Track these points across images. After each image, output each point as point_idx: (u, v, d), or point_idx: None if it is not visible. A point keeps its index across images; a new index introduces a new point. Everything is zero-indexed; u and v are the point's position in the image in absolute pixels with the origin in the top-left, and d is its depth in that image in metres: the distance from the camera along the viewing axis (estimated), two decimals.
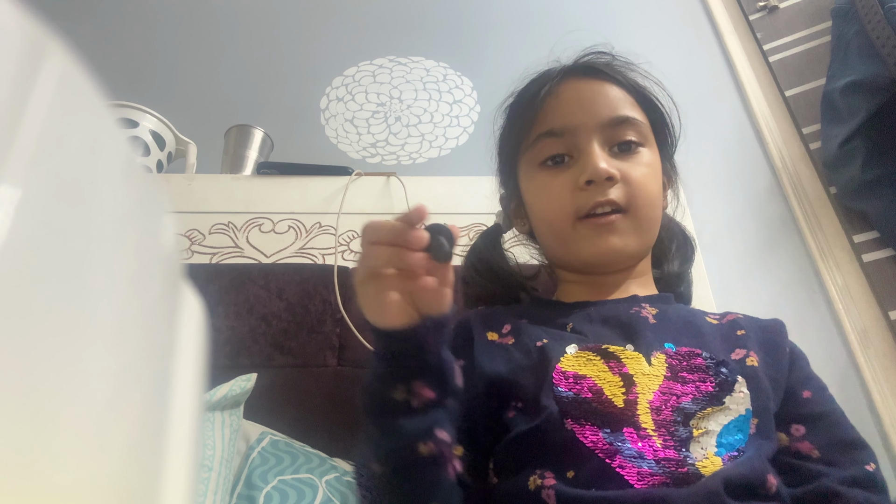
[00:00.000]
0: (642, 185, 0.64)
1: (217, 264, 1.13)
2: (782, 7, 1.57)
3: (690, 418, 0.54)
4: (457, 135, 1.54)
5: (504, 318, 0.66)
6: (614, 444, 0.52)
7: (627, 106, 0.68)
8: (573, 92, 0.68)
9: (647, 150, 0.68)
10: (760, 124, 1.46)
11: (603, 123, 0.66)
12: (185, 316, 0.35)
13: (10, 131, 0.20)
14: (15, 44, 0.22)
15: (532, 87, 0.72)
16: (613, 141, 0.66)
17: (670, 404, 0.55)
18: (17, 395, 0.19)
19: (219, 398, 0.81)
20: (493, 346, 0.63)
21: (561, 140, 0.66)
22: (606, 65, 0.71)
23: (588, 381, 0.56)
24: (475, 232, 1.21)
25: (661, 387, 0.56)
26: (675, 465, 0.51)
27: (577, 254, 0.66)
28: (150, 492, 0.27)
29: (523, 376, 0.58)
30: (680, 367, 0.58)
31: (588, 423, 0.53)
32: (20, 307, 0.19)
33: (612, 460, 0.51)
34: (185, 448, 0.30)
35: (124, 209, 0.29)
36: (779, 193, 1.37)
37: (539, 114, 0.68)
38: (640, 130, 0.67)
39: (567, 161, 0.66)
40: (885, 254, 1.19)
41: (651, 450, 0.51)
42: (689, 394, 0.55)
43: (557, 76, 0.70)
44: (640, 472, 0.50)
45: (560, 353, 0.58)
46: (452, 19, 1.76)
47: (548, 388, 0.55)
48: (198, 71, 1.69)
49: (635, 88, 0.70)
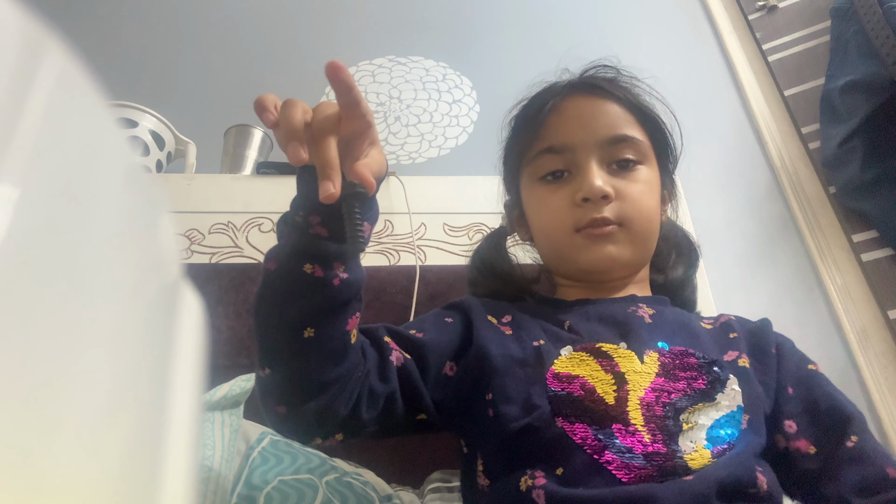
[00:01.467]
0: (637, 201, 0.66)
1: (217, 264, 1.13)
2: (781, 7, 1.57)
3: (681, 414, 0.55)
4: (456, 134, 1.54)
5: (506, 309, 0.67)
6: (603, 440, 0.53)
7: (627, 125, 0.69)
8: (575, 109, 0.70)
9: (646, 167, 0.69)
10: (760, 124, 1.46)
11: (602, 142, 0.67)
12: (185, 316, 0.35)
13: (9, 130, 0.20)
14: (13, 43, 0.22)
15: (536, 101, 0.73)
16: (612, 159, 0.68)
17: (661, 401, 0.55)
18: (16, 395, 0.19)
19: (219, 398, 0.81)
20: (493, 327, 0.64)
21: (561, 157, 0.68)
22: (610, 81, 0.72)
23: (580, 379, 0.57)
24: (474, 231, 1.21)
25: (653, 384, 0.57)
26: (662, 458, 0.52)
27: (574, 262, 0.68)
28: (150, 492, 0.27)
29: (514, 370, 0.59)
30: (672, 366, 0.59)
31: (578, 420, 0.54)
32: (19, 307, 0.19)
33: (601, 456, 0.52)
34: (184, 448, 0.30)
35: (124, 209, 0.29)
36: (778, 193, 1.37)
37: (541, 129, 0.70)
38: (638, 149, 0.69)
39: (566, 176, 0.68)
40: (885, 253, 1.19)
41: (640, 444, 0.52)
42: (681, 391, 0.56)
43: (561, 92, 0.71)
44: (628, 467, 0.51)
45: (555, 356, 0.59)
46: (452, 19, 1.76)
47: (541, 389, 0.56)
48: (198, 71, 1.69)
49: (637, 106, 0.71)
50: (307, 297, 0.51)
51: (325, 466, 0.77)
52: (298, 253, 0.51)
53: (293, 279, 0.50)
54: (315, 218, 0.51)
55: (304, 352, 0.51)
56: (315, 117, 0.47)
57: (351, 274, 0.52)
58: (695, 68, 1.59)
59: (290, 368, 0.52)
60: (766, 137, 1.44)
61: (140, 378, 0.28)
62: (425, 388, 0.59)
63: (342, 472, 0.77)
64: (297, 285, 0.50)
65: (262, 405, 0.54)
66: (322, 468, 0.76)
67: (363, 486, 0.76)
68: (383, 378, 0.56)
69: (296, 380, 0.52)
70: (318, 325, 0.51)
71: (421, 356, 0.60)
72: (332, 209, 0.49)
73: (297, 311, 0.51)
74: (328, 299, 0.51)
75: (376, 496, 0.76)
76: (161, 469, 0.28)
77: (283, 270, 0.51)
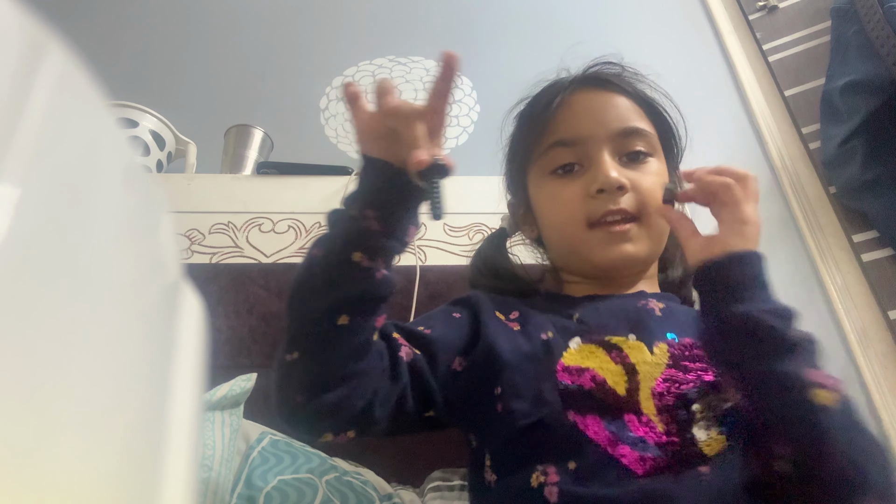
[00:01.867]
0: (652, 192, 0.66)
1: (217, 264, 1.13)
2: (782, 7, 1.57)
3: (692, 405, 0.54)
4: (456, 135, 1.54)
5: (513, 305, 0.67)
6: (616, 431, 0.52)
7: (636, 117, 0.69)
8: (584, 103, 0.69)
9: (656, 159, 0.69)
10: (760, 124, 1.46)
11: (613, 134, 0.67)
12: (185, 316, 0.35)
13: (10, 130, 0.20)
14: (14, 43, 0.22)
15: (544, 96, 0.73)
16: (623, 151, 0.68)
17: (672, 391, 0.55)
18: (16, 394, 0.19)
19: (219, 398, 0.81)
20: (501, 323, 0.64)
21: (572, 150, 0.68)
22: (616, 76, 0.72)
23: (590, 372, 0.57)
24: (475, 231, 1.21)
25: (664, 374, 0.57)
26: (677, 447, 0.51)
27: (589, 259, 0.67)
28: (150, 491, 0.27)
29: (524, 365, 0.58)
30: (682, 357, 0.58)
31: (590, 413, 0.54)
32: (19, 306, 0.19)
33: (614, 448, 0.51)
34: (185, 448, 0.30)
35: (124, 209, 0.29)
36: (778, 193, 1.37)
37: (550, 123, 0.69)
38: (648, 141, 0.69)
39: (577, 170, 0.68)
40: (885, 253, 1.19)
41: (654, 434, 0.52)
42: (692, 381, 0.56)
43: (569, 86, 0.71)
44: (642, 457, 0.51)
45: (563, 349, 0.59)
46: (452, 19, 1.76)
47: (551, 383, 0.56)
48: (198, 71, 1.69)
49: (644, 100, 0.71)
50: (350, 284, 0.53)
51: (324, 466, 0.77)
52: (350, 241, 0.53)
53: (339, 265, 0.53)
54: (370, 212, 0.53)
55: (335, 339, 0.53)
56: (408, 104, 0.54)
57: (390, 273, 0.55)
58: (695, 68, 1.59)
59: (318, 354, 0.53)
60: (766, 137, 1.43)
61: (140, 378, 0.28)
62: (435, 384, 0.59)
63: (342, 472, 0.77)
64: (342, 272, 0.53)
65: (279, 394, 0.54)
66: (322, 468, 0.76)
67: (363, 485, 0.76)
68: (395, 374, 0.56)
69: (321, 367, 0.53)
70: (354, 314, 0.53)
71: (430, 352, 0.60)
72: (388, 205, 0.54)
73: (337, 296, 0.53)
74: (368, 291, 0.53)
75: (376, 495, 0.76)
76: (161, 468, 0.28)
77: (330, 256, 0.54)
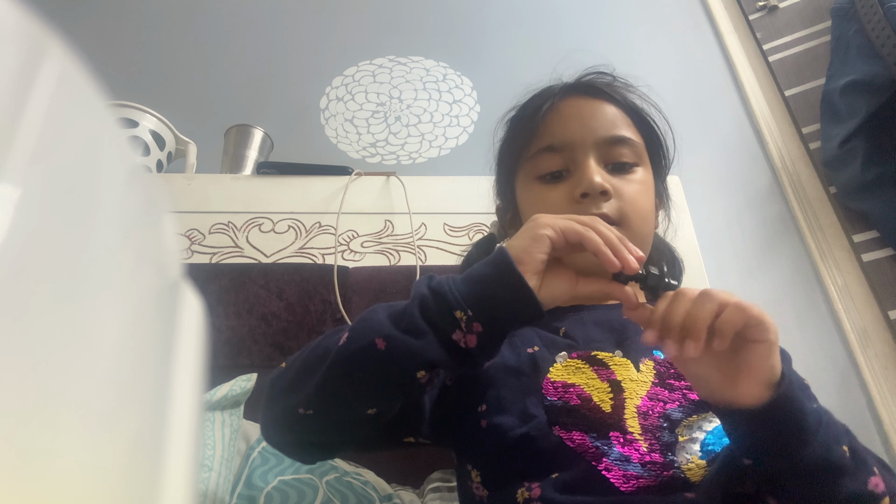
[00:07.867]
0: (635, 200, 0.66)
1: (217, 264, 1.13)
2: (782, 7, 1.57)
3: (676, 425, 0.54)
4: (456, 134, 1.54)
5: None
6: (601, 447, 0.52)
7: (624, 126, 0.70)
8: (573, 109, 0.70)
9: (642, 169, 0.70)
10: (760, 124, 1.46)
11: (600, 141, 0.68)
12: (185, 316, 0.35)
13: (10, 130, 0.20)
14: (15, 43, 0.22)
15: (534, 102, 0.73)
16: (609, 159, 0.68)
17: (657, 410, 0.55)
18: (16, 394, 0.19)
19: (219, 398, 0.81)
20: None
21: (559, 155, 0.68)
22: (607, 85, 0.73)
23: (576, 388, 0.57)
24: (474, 231, 1.21)
25: (649, 392, 0.57)
26: (660, 468, 0.51)
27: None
28: (151, 491, 0.27)
29: (509, 380, 0.58)
30: (668, 375, 0.58)
31: (575, 429, 0.54)
32: (20, 306, 0.19)
33: (599, 463, 0.52)
34: (185, 448, 0.30)
35: (124, 209, 0.29)
36: (778, 193, 1.37)
37: (540, 128, 0.70)
38: (635, 150, 0.69)
39: (564, 175, 0.68)
40: (885, 253, 1.19)
41: (637, 453, 0.52)
42: (676, 401, 0.56)
43: (559, 93, 0.72)
44: (625, 475, 0.51)
45: (550, 364, 0.59)
46: (452, 19, 1.76)
47: (537, 399, 0.56)
48: (198, 71, 1.69)
49: (633, 110, 0.72)
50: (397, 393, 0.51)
51: (324, 466, 0.77)
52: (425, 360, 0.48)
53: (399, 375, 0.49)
54: (478, 326, 0.47)
55: (358, 422, 0.52)
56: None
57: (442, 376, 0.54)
58: (695, 68, 1.59)
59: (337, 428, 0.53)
60: (766, 137, 1.44)
61: (141, 378, 0.28)
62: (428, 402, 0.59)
63: (342, 472, 0.77)
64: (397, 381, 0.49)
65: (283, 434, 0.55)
66: (322, 468, 0.76)
67: (363, 485, 0.76)
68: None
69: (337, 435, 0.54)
70: (384, 409, 0.51)
71: None
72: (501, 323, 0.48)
73: (379, 398, 0.50)
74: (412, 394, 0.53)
75: (376, 496, 0.76)
76: (161, 469, 0.28)
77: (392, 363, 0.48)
